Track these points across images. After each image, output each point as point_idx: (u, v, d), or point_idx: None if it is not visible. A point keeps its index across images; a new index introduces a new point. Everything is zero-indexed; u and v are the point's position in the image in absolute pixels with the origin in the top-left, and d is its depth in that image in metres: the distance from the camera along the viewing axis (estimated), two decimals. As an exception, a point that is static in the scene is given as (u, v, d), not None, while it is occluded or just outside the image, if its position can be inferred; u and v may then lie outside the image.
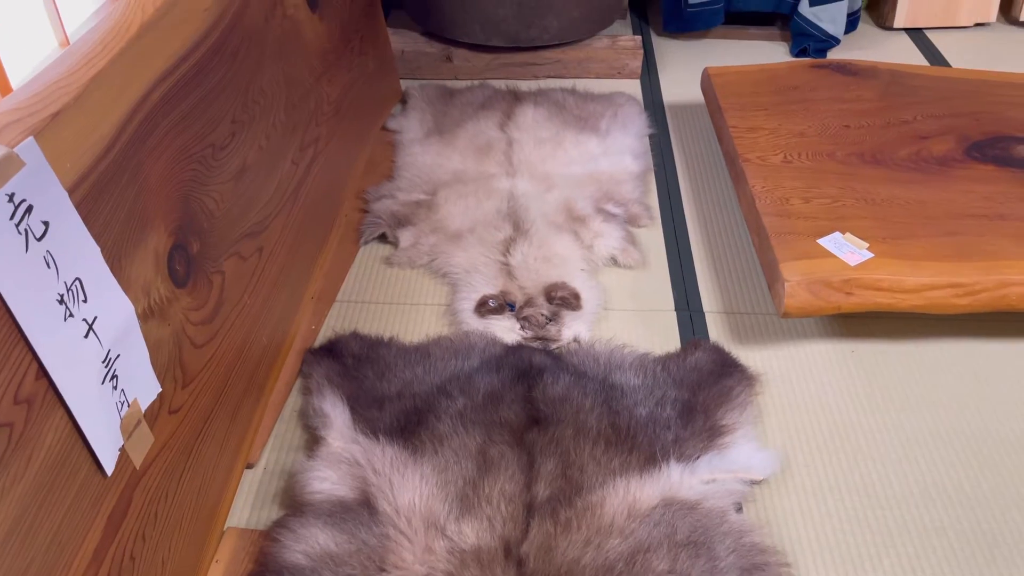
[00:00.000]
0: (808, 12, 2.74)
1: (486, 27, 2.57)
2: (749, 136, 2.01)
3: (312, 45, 1.81)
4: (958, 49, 2.85)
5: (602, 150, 2.28)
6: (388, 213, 2.05)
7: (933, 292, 1.60)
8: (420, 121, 2.41)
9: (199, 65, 1.29)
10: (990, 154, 1.93)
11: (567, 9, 2.55)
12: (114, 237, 1.04)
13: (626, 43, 2.69)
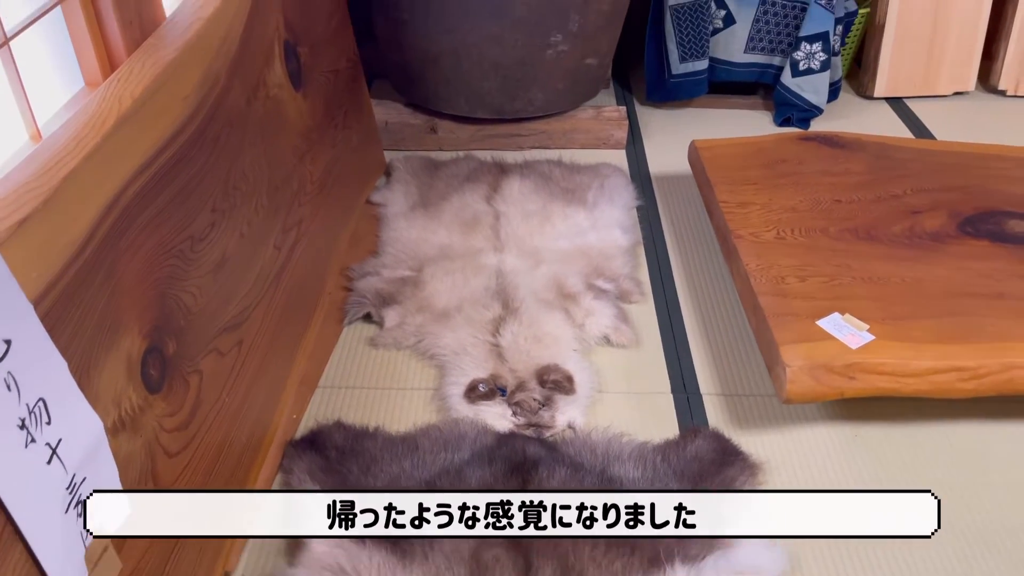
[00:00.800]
0: (791, 83, 2.76)
1: (471, 99, 2.55)
2: (740, 212, 1.99)
3: (296, 124, 1.77)
4: (939, 118, 2.87)
5: (590, 223, 2.25)
6: (373, 291, 1.99)
7: (937, 376, 1.56)
8: (405, 194, 2.37)
9: (178, 155, 1.24)
10: (983, 229, 1.92)
11: (552, 82, 2.54)
12: (83, 347, 0.97)
13: (611, 114, 2.68)
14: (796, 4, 2.66)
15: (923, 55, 2.91)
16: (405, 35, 2.49)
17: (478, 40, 2.40)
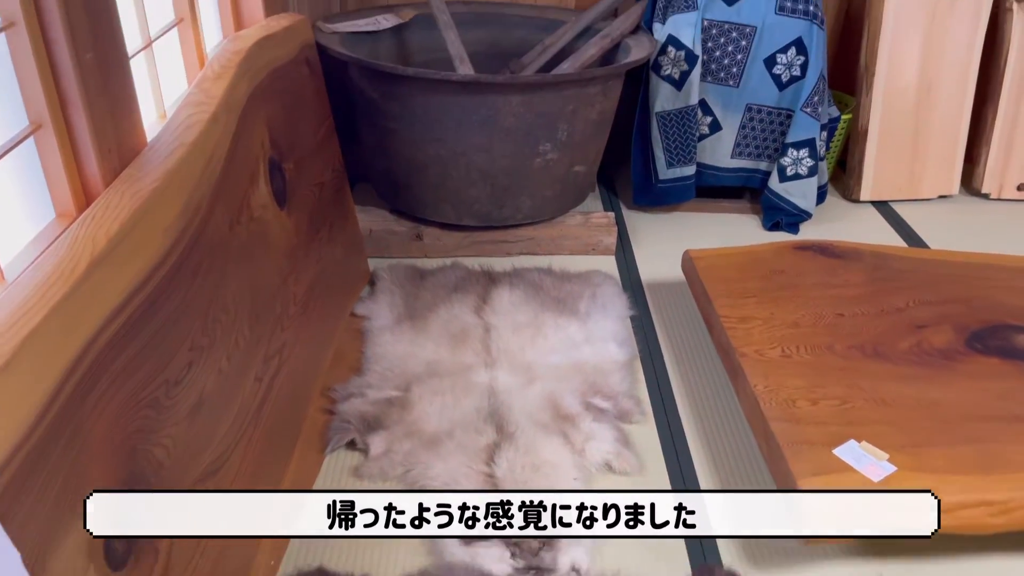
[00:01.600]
0: (779, 188, 2.74)
1: (458, 207, 2.49)
2: (742, 327, 1.92)
3: (280, 244, 1.68)
4: (926, 221, 2.87)
5: (584, 336, 2.16)
6: (357, 415, 1.87)
7: (965, 512, 1.46)
8: (390, 305, 2.28)
9: (155, 293, 1.14)
10: (992, 345, 1.86)
11: (540, 189, 2.50)
12: (40, 528, 0.85)
13: (599, 220, 2.64)
14: (782, 111, 2.67)
15: (906, 160, 2.93)
16: (391, 143, 2.45)
17: (466, 150, 2.36)
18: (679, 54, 2.60)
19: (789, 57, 2.61)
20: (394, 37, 2.86)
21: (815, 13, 2.56)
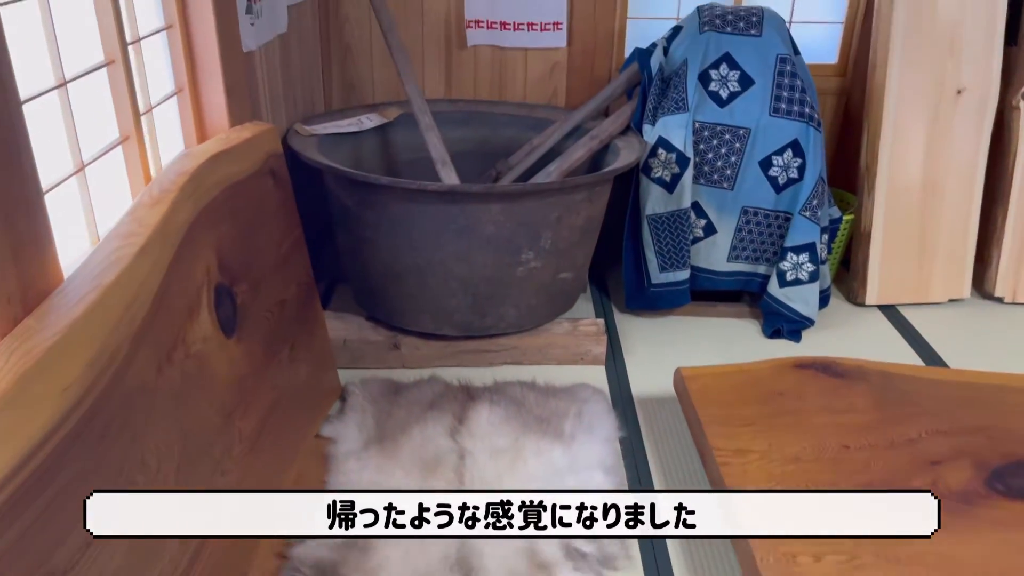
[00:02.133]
0: (779, 293, 2.60)
1: (437, 317, 2.35)
2: (737, 462, 1.74)
3: (225, 377, 1.54)
4: (936, 327, 2.71)
5: (568, 461, 1.99)
6: (312, 561, 1.68)
7: None
8: (359, 426, 2.11)
9: (46, 465, 0.99)
10: (1015, 487, 1.67)
11: (524, 298, 2.36)
12: None
13: (588, 328, 2.49)
14: (779, 214, 2.55)
15: (913, 262, 2.79)
16: (367, 251, 2.32)
17: (445, 258, 2.24)
18: (670, 156, 2.49)
19: (785, 159, 2.50)
20: (378, 136, 2.78)
21: (811, 115, 2.46)
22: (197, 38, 1.84)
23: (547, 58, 2.93)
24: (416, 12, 2.86)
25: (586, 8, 2.84)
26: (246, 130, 1.84)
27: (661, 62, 2.55)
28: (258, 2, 2.12)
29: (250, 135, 1.82)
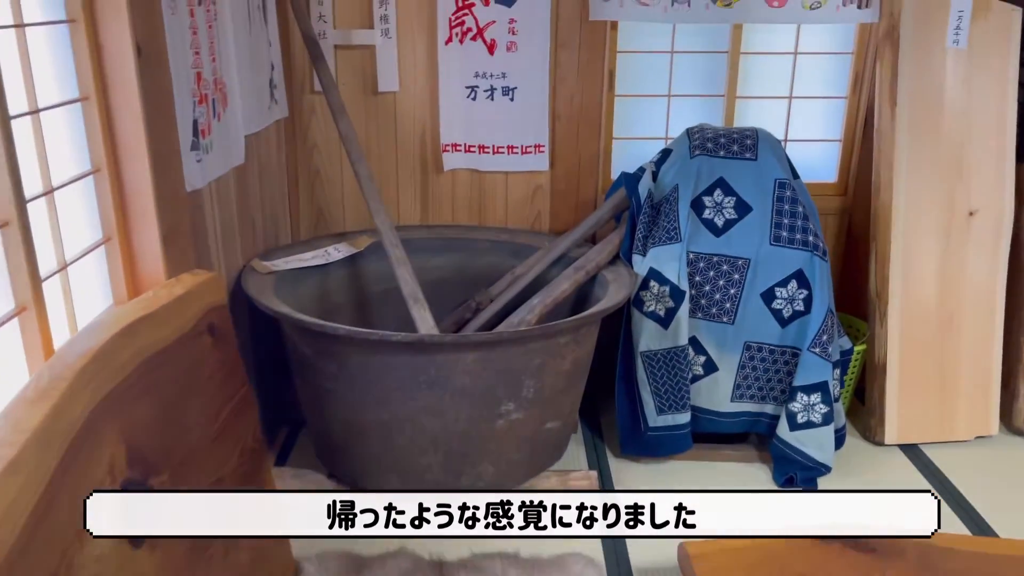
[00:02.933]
0: (789, 436, 2.34)
1: (406, 477, 2.08)
2: None
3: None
4: (963, 469, 2.44)
5: (556, 660, 1.69)
6: None
7: None
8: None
9: None
10: None
11: (505, 452, 2.09)
12: None
13: (579, 482, 2.22)
14: (786, 349, 2.32)
15: (934, 396, 2.54)
16: (328, 404, 2.07)
17: (413, 413, 1.98)
18: (663, 289, 2.27)
19: (790, 291, 2.28)
20: (348, 267, 2.57)
21: (815, 244, 2.26)
22: (129, 182, 1.64)
23: (529, 181, 2.76)
24: (389, 135, 2.70)
25: (569, 129, 2.69)
26: (180, 284, 1.61)
27: (650, 188, 2.36)
28: (207, 136, 1.94)
29: (184, 290, 1.59)
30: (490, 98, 2.64)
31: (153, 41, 1.65)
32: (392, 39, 2.58)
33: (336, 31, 2.57)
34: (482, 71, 2.61)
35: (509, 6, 2.54)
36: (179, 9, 1.77)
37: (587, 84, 2.64)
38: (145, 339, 1.41)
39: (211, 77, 1.95)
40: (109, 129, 1.60)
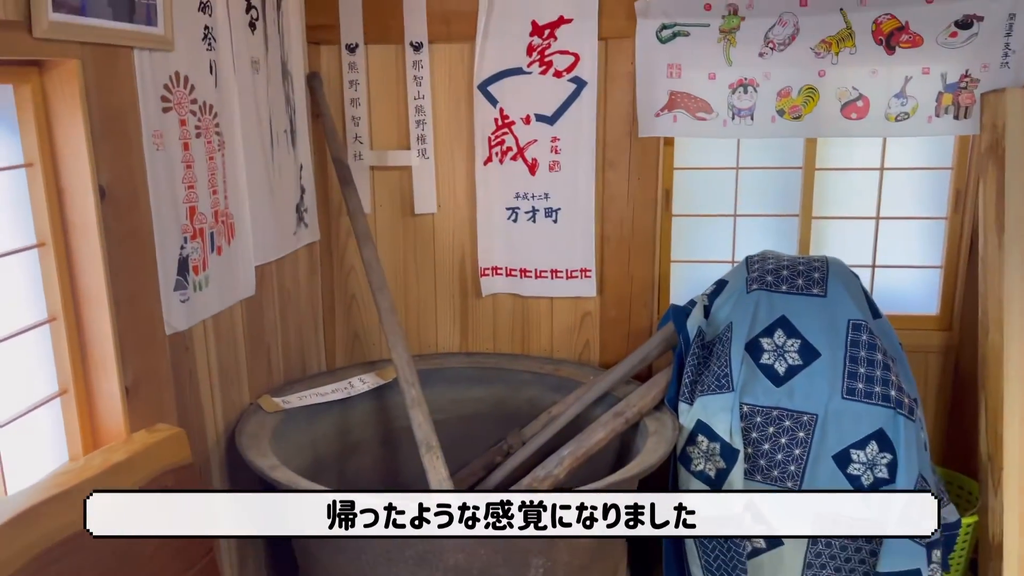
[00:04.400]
0: (873, 634, 1.90)
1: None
2: None
3: None
4: None
5: None
6: None
7: None
8: None
9: None
10: None
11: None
12: None
13: (608, 676, 1.86)
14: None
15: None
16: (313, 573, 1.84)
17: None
18: (712, 446, 1.94)
19: (869, 454, 1.89)
20: (374, 400, 2.38)
21: (900, 400, 1.88)
22: (89, 330, 1.52)
23: (576, 307, 2.51)
24: (427, 257, 2.54)
25: (619, 252, 2.44)
26: (126, 446, 1.46)
27: (701, 324, 2.06)
28: (201, 272, 1.82)
29: (127, 454, 1.43)
30: (532, 219, 2.44)
31: (126, 181, 1.55)
32: (429, 160, 2.44)
33: (373, 152, 2.46)
34: (523, 191, 2.42)
35: (552, 124, 2.36)
36: (168, 144, 1.68)
37: (639, 204, 2.40)
38: (48, 524, 1.24)
39: (210, 210, 1.85)
40: (69, 275, 1.50)
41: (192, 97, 1.76)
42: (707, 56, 2.24)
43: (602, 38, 2.29)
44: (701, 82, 2.27)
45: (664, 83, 2.28)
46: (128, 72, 1.55)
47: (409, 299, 2.57)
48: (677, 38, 2.25)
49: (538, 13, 2.29)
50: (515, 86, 2.35)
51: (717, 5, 2.21)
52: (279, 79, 2.19)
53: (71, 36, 1.37)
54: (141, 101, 1.59)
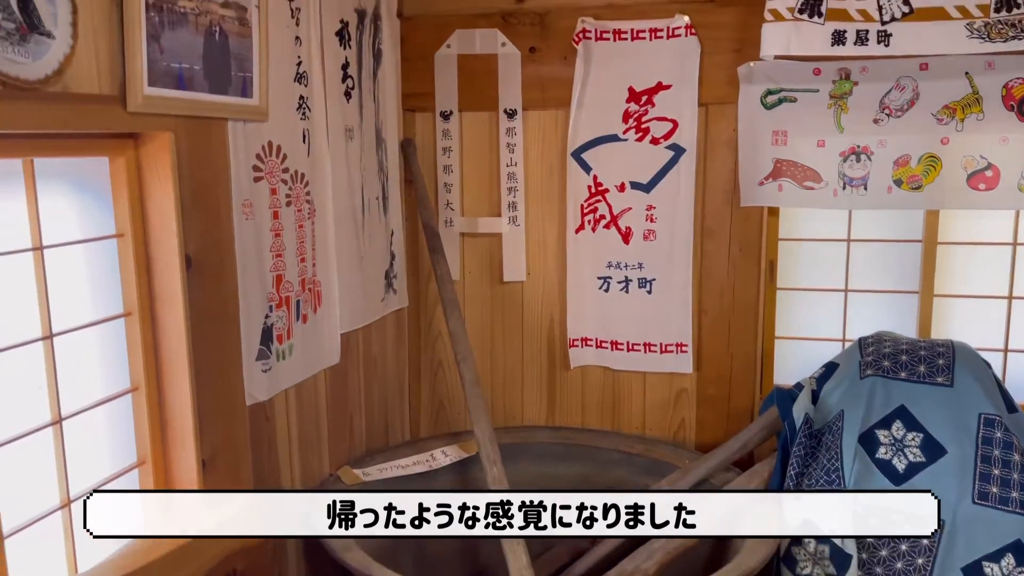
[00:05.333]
0: None
1: None
2: None
3: None
4: None
5: None
6: None
7: None
8: None
9: None
10: None
11: None
12: None
13: None
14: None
15: None
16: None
17: None
18: (821, 550, 1.75)
19: (1005, 569, 1.67)
20: (456, 474, 2.30)
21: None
22: (169, 400, 1.50)
23: (671, 383, 2.37)
24: (515, 326, 2.46)
25: (718, 327, 2.29)
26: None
27: (808, 411, 1.89)
28: (285, 340, 1.80)
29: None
30: (624, 290, 2.33)
31: (213, 251, 1.55)
32: (520, 227, 2.38)
33: (463, 218, 2.43)
34: (616, 261, 2.33)
35: (647, 192, 2.27)
36: (258, 213, 1.68)
37: (740, 275, 2.26)
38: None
39: (296, 278, 1.84)
40: (153, 345, 1.49)
41: (284, 166, 1.77)
42: (816, 122, 2.12)
43: (702, 104, 2.20)
44: (809, 150, 2.14)
45: (769, 150, 2.16)
46: (221, 143, 1.56)
47: (496, 368, 2.50)
48: (783, 104, 2.13)
49: (635, 80, 2.22)
50: (610, 153, 2.28)
51: (827, 70, 2.08)
52: (373, 146, 2.20)
53: (165, 109, 1.38)
54: (233, 171, 1.59)
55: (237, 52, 1.54)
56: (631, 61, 2.21)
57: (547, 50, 2.28)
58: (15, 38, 1.08)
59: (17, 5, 1.08)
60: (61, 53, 1.16)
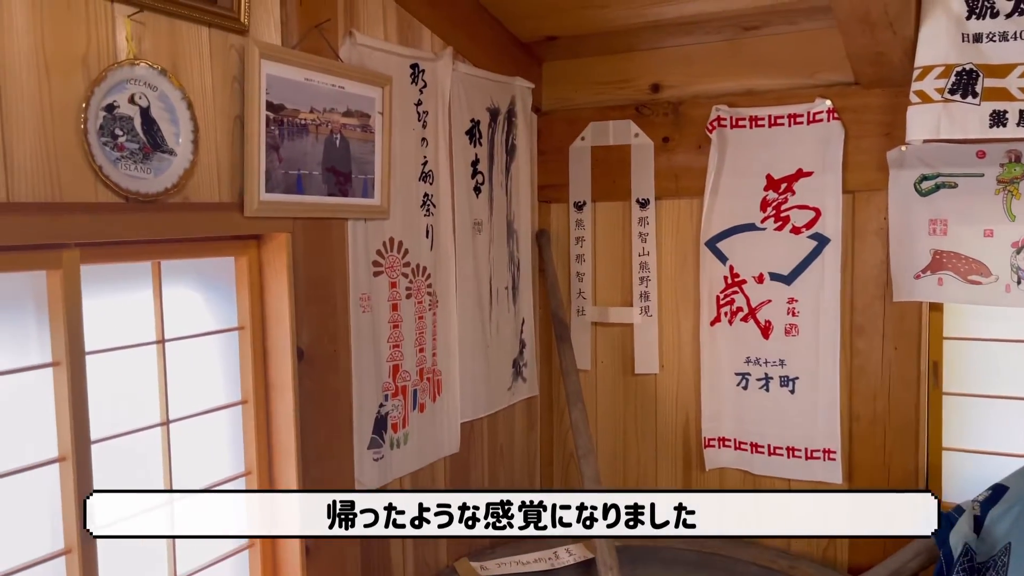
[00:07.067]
0: None
1: None
2: None
3: None
4: None
5: None
6: None
7: None
8: None
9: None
10: None
11: None
12: None
13: None
14: None
15: None
16: None
17: None
18: None
19: None
20: (577, 574, 2.20)
21: None
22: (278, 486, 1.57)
23: (819, 491, 2.15)
24: (648, 421, 2.36)
25: (872, 435, 2.07)
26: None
27: (968, 540, 1.64)
28: (399, 429, 1.83)
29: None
30: (764, 388, 2.17)
31: (327, 342, 1.62)
32: (652, 317, 2.31)
33: (595, 308, 2.39)
34: (755, 356, 2.18)
35: (788, 283, 2.12)
36: (376, 306, 1.75)
37: (897, 377, 2.03)
38: None
39: (415, 368, 1.88)
40: (267, 432, 1.57)
41: (405, 260, 1.84)
42: (982, 210, 1.89)
43: (847, 191, 2.04)
44: (974, 240, 1.91)
45: (925, 240, 1.95)
46: (340, 240, 1.65)
47: (629, 464, 2.40)
48: (941, 190, 1.93)
49: (773, 167, 2.11)
50: (747, 242, 2.16)
51: (993, 152, 1.87)
52: (503, 237, 2.24)
53: (282, 213, 1.48)
54: (351, 266, 1.68)
55: (358, 156, 1.64)
56: (769, 148, 2.11)
57: (680, 139, 2.23)
58: (138, 156, 1.21)
59: (141, 127, 1.21)
60: (181, 168, 1.28)
